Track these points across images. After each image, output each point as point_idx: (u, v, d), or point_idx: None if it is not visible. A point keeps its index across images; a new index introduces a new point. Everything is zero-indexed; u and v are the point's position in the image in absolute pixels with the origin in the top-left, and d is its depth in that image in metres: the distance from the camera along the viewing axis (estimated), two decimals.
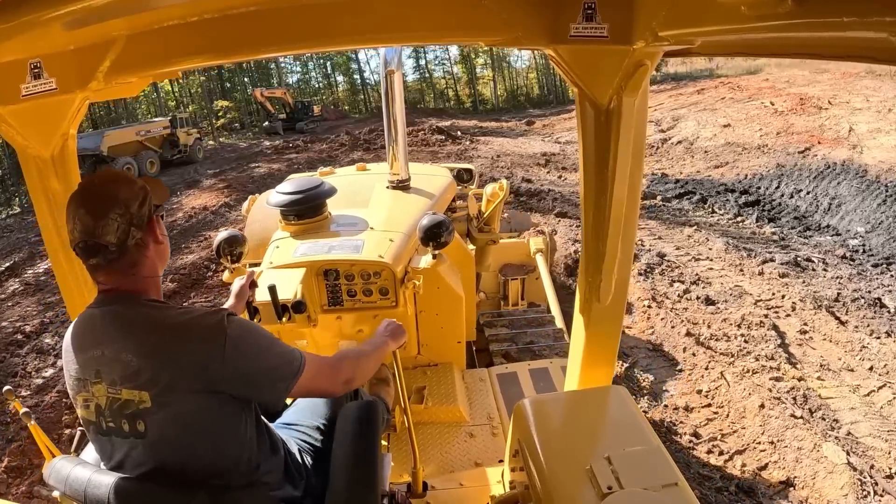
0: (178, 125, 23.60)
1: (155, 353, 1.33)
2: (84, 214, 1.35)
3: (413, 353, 3.29)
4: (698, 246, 8.58)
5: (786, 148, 14.95)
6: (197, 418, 1.35)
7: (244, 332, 1.40)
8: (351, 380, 1.64)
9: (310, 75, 54.98)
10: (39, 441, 1.82)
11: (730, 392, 4.91)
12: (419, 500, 2.34)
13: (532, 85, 52.64)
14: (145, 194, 1.44)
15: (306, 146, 24.01)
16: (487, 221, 4.37)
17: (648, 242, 8.65)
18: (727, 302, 6.54)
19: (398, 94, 3.40)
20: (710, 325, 6.02)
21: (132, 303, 1.41)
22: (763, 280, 7.18)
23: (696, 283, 7.06)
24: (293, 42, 1.68)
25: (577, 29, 1.47)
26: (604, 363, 2.12)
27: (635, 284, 6.86)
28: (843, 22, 0.80)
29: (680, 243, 8.75)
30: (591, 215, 1.80)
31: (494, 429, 3.04)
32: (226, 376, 1.35)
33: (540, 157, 17.80)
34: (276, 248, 3.02)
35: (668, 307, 6.43)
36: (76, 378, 1.41)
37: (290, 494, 1.64)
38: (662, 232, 9.46)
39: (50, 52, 1.67)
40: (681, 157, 16.77)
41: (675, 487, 1.50)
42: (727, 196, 12.11)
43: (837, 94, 18.45)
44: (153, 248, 1.47)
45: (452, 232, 2.88)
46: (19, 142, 1.83)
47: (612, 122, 1.60)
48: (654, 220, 10.20)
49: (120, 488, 1.30)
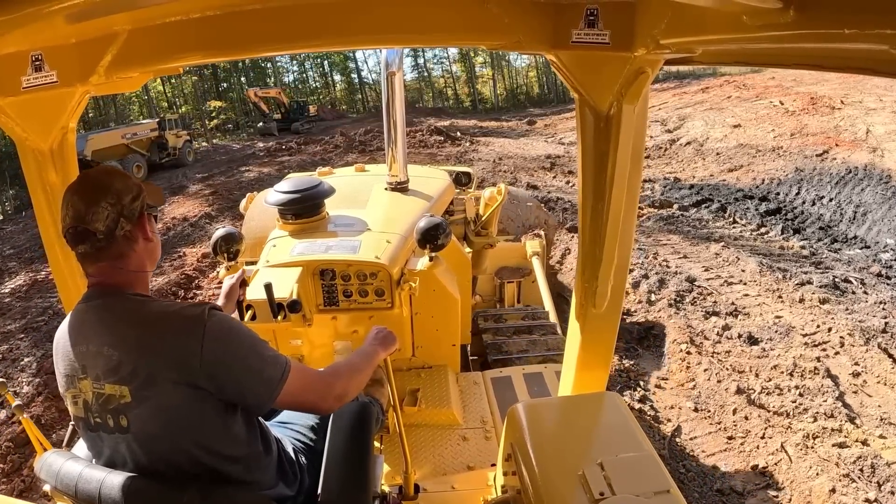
0: (167, 127, 23.14)
1: (135, 346, 1.33)
2: (77, 201, 1.36)
3: (407, 356, 3.29)
4: (728, 266, 7.84)
5: (802, 150, 14.51)
6: (179, 413, 1.34)
7: (225, 328, 1.39)
8: (344, 395, 1.61)
9: (307, 74, 55.07)
10: (31, 435, 1.81)
11: (792, 470, 4.13)
12: (411, 502, 2.33)
13: (532, 84, 52.64)
14: (139, 191, 1.45)
15: (299, 148, 23.47)
16: (485, 225, 4.37)
17: (674, 263, 7.96)
18: (772, 340, 5.73)
19: (398, 96, 3.40)
20: (759, 372, 5.20)
21: (117, 296, 1.42)
22: (804, 309, 6.42)
23: (733, 315, 6.32)
24: (293, 41, 1.67)
25: (578, 35, 1.47)
26: (598, 369, 2.12)
27: (668, 321, 6.15)
28: (843, 34, 0.80)
29: (708, 262, 8.07)
30: (588, 220, 1.80)
31: (487, 432, 3.03)
32: (204, 370, 1.33)
33: (544, 159, 17.35)
34: (272, 247, 3.02)
35: (707, 350, 5.59)
36: (65, 375, 1.42)
37: (283, 493, 1.63)
38: (687, 249, 8.79)
39: (51, 44, 1.67)
40: (691, 160, 16.36)
41: (667, 495, 1.50)
42: (746, 203, 11.62)
43: (849, 94, 18.03)
44: (142, 244, 1.47)
45: (449, 235, 2.88)
46: (18, 134, 1.84)
47: (611, 128, 1.60)
48: (676, 235, 9.58)
49: (110, 483, 1.30)
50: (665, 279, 7.08)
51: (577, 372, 2.12)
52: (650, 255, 8.05)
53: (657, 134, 19.24)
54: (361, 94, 54.04)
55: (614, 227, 1.76)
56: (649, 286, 6.83)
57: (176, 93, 43.74)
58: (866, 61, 0.86)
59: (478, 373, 3.55)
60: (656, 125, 20.27)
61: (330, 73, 55.57)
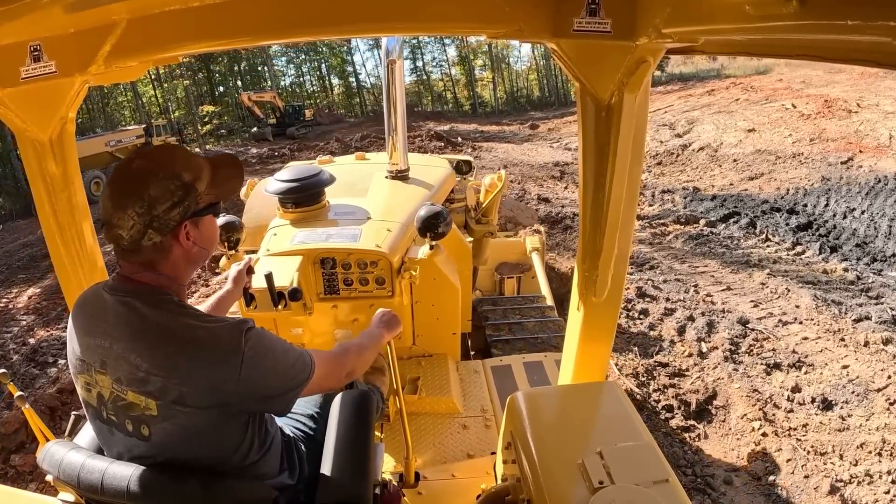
0: (155, 133, 22.19)
1: (166, 364, 1.28)
2: (107, 197, 1.30)
3: (408, 344, 3.30)
4: (777, 299, 6.97)
5: (825, 157, 13.69)
6: (203, 429, 1.34)
7: (261, 351, 1.36)
8: (352, 373, 1.67)
9: (304, 78, 54.03)
10: (34, 425, 1.83)
11: None
12: (411, 490, 2.35)
13: (532, 86, 51.79)
14: (185, 194, 1.34)
15: (293, 155, 22.23)
16: (485, 213, 4.37)
17: (718, 297, 7.10)
18: (848, 403, 4.85)
19: (399, 84, 3.38)
20: (843, 453, 4.29)
21: (148, 300, 1.34)
22: (870, 354, 5.57)
23: (797, 367, 5.46)
24: (294, 28, 1.66)
25: (580, 23, 1.46)
26: (598, 358, 2.13)
27: (729, 383, 5.16)
28: (846, 25, 0.80)
29: (755, 295, 7.16)
30: (589, 210, 1.80)
31: (487, 421, 3.05)
32: (239, 395, 1.32)
33: (552, 167, 16.44)
34: (273, 236, 3.02)
35: (782, 426, 4.62)
36: (79, 359, 1.40)
37: (284, 482, 1.64)
38: (727, 277, 7.92)
39: (50, 34, 1.65)
40: (707, 167, 15.48)
41: (665, 484, 1.51)
42: (774, 216, 10.77)
43: (863, 97, 17.45)
44: (177, 252, 1.39)
45: (450, 223, 2.88)
46: (18, 125, 1.83)
47: (612, 117, 1.60)
48: (712, 259, 8.72)
49: (113, 474, 1.31)
50: (713, 321, 6.29)
51: (577, 361, 2.12)
52: (690, 287, 7.37)
53: (667, 139, 18.54)
54: (359, 97, 52.91)
55: (615, 215, 1.76)
56: (697, 332, 6.03)
57: (170, 97, 42.36)
58: (869, 53, 0.86)
59: (478, 361, 3.57)
60: (664, 129, 19.66)
61: (328, 76, 54.54)
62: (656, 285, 7.25)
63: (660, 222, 10.43)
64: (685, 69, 38.32)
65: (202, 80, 44.12)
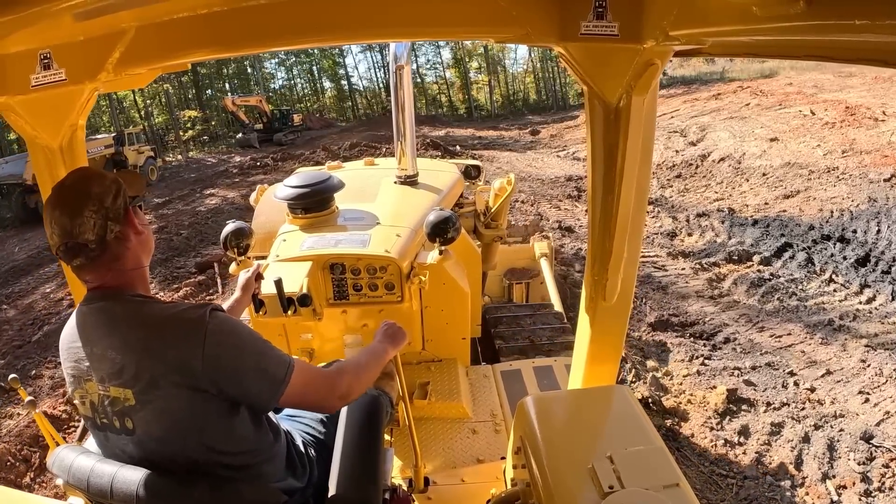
0: (127, 142, 20.95)
1: (137, 349, 1.33)
2: (59, 216, 1.34)
3: (417, 349, 3.30)
4: (886, 385, 5.36)
5: (864, 173, 11.89)
6: (183, 416, 1.35)
7: (226, 330, 1.39)
8: (348, 395, 1.61)
9: (294, 81, 52.98)
10: (44, 430, 1.84)
11: None
12: (421, 495, 2.34)
13: (529, 89, 50.82)
14: (118, 187, 1.43)
15: (276, 165, 20.86)
16: (494, 217, 4.36)
17: (824, 391, 5.34)
18: None
19: (407, 89, 3.39)
20: None
21: (118, 298, 1.42)
22: None
23: None
24: (301, 35, 1.67)
25: (587, 27, 1.46)
26: (608, 362, 2.12)
27: None
28: (854, 25, 0.79)
29: (860, 382, 5.44)
30: (598, 213, 1.80)
31: (497, 426, 3.04)
32: (206, 372, 1.33)
33: (565, 182, 14.74)
34: (282, 242, 3.03)
35: None
36: (72, 375, 1.45)
37: (292, 485, 1.64)
38: (819, 352, 6.16)
39: (60, 42, 1.67)
40: (733, 181, 13.79)
41: (676, 488, 1.49)
42: (825, 246, 9.21)
43: (886, 103, 15.82)
44: (134, 240, 1.46)
45: (459, 228, 2.88)
46: (28, 132, 1.85)
47: (620, 120, 1.59)
48: (791, 322, 6.92)
49: (122, 478, 1.31)
50: (832, 438, 4.60)
51: (587, 365, 2.11)
52: (785, 375, 5.62)
53: (681, 147, 17.02)
54: (351, 101, 51.76)
55: (624, 219, 1.75)
56: (818, 461, 4.37)
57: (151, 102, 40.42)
58: (877, 52, 0.85)
59: (487, 366, 3.56)
60: (676, 136, 18.29)
61: (319, 79, 53.29)
62: (747, 379, 5.47)
63: (710, 262, 8.94)
64: (686, 72, 36.82)
65: (188, 83, 42.42)
